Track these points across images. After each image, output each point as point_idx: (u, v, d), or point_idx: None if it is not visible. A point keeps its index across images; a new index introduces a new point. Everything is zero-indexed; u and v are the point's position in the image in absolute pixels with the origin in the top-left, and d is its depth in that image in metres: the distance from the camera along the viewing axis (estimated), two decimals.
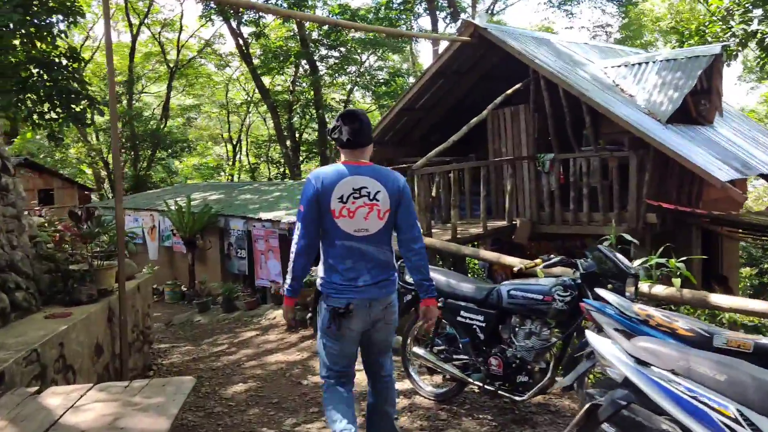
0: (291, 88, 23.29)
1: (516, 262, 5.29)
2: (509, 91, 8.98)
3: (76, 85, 16.41)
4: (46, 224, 6.77)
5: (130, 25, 24.82)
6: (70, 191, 20.03)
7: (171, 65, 25.85)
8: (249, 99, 27.57)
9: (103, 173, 24.40)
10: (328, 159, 22.28)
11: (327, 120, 21.98)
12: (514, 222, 9.15)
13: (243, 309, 9.77)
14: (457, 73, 10.36)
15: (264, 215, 12.21)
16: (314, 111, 21.95)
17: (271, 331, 7.94)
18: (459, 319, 4.74)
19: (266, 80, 23.56)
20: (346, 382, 3.52)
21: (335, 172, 3.29)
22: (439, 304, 4.83)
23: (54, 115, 14.30)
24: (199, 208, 13.23)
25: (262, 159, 28.82)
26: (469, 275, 13.14)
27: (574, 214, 8.96)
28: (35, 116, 16.38)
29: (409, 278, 5.14)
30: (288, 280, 3.43)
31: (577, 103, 8.64)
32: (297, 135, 23.66)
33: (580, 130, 9.23)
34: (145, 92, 29.02)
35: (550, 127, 9.03)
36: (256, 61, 22.04)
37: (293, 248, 3.36)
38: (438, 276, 4.94)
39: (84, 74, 24.29)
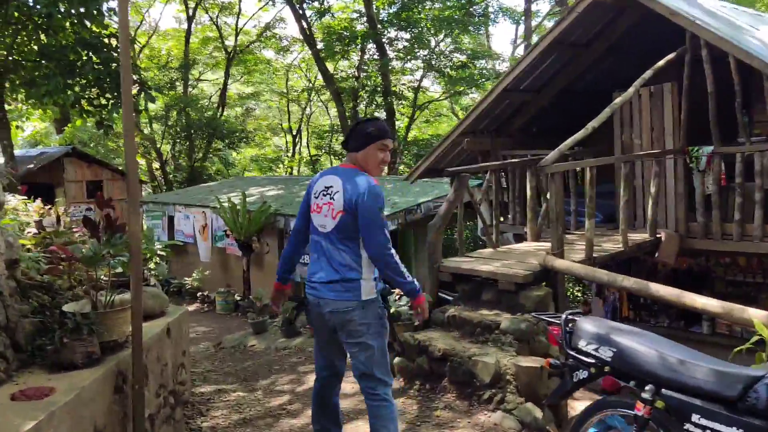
0: (356, 73, 21.43)
1: None
2: (661, 62, 6.83)
3: None
4: (52, 235, 5.09)
5: (186, 7, 23.48)
6: (120, 183, 18.81)
7: (229, 51, 24.43)
8: (311, 86, 25.91)
9: (156, 164, 23.18)
10: (396, 151, 20.41)
11: (395, 108, 20.10)
12: (658, 235, 7.02)
13: (307, 334, 7.98)
14: (575, 45, 8.25)
15: None
16: (381, 98, 20.07)
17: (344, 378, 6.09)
18: (689, 428, 2.76)
19: (329, 67, 21.80)
20: (325, 385, 3.69)
21: (325, 171, 3.57)
22: (645, 395, 2.86)
23: (103, 101, 13.17)
24: (255, 206, 11.54)
25: (323, 150, 27.16)
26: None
27: (739, 226, 6.77)
28: (84, 102, 15.04)
29: (584, 345, 3.20)
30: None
31: (752, 81, 6.46)
32: None
33: (749, 114, 7.04)
34: (202, 79, 27.74)
35: (711, 111, 6.83)
36: (319, 46, 20.33)
37: None
38: (643, 348, 2.96)
39: (140, 61, 23.13)
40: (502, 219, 8.30)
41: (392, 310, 5.88)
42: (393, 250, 3.33)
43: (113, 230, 4.49)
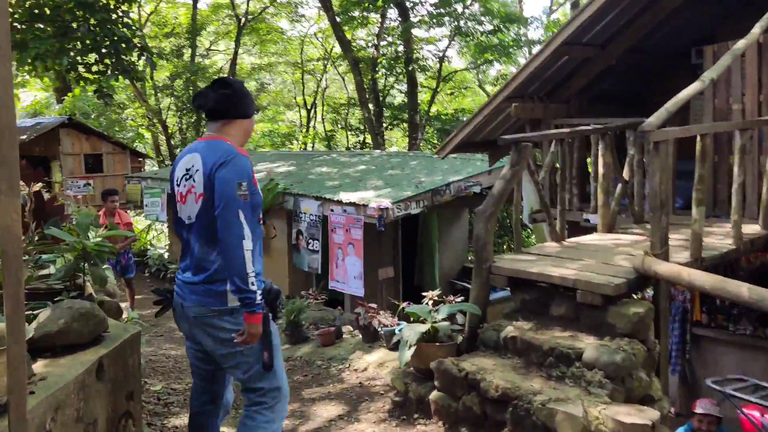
0: (376, 41, 19.76)
1: None
2: None
3: (125, 30, 13.52)
4: None
5: None
6: (121, 157, 17.48)
7: (240, 17, 22.86)
8: (327, 56, 24.27)
9: (162, 137, 21.75)
10: (417, 126, 18.79)
11: (418, 80, 18.47)
12: None
13: (316, 342, 6.52)
14: None
15: (345, 196, 8.98)
16: (403, 68, 18.43)
17: (363, 407, 4.63)
18: None
19: (347, 35, 20.18)
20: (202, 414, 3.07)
21: (183, 151, 3.01)
22: None
23: (102, 68, 11.84)
24: (262, 184, 10.06)
25: (339, 125, 25.57)
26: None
27: None
28: (80, 68, 13.61)
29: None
30: None
31: None
32: (381, 97, 20.19)
33: None
34: (213, 49, 26.21)
35: None
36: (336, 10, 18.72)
37: None
38: None
39: (144, 27, 21.58)
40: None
41: (428, 327, 4.39)
42: (248, 245, 2.65)
43: (46, 215, 3.08)
